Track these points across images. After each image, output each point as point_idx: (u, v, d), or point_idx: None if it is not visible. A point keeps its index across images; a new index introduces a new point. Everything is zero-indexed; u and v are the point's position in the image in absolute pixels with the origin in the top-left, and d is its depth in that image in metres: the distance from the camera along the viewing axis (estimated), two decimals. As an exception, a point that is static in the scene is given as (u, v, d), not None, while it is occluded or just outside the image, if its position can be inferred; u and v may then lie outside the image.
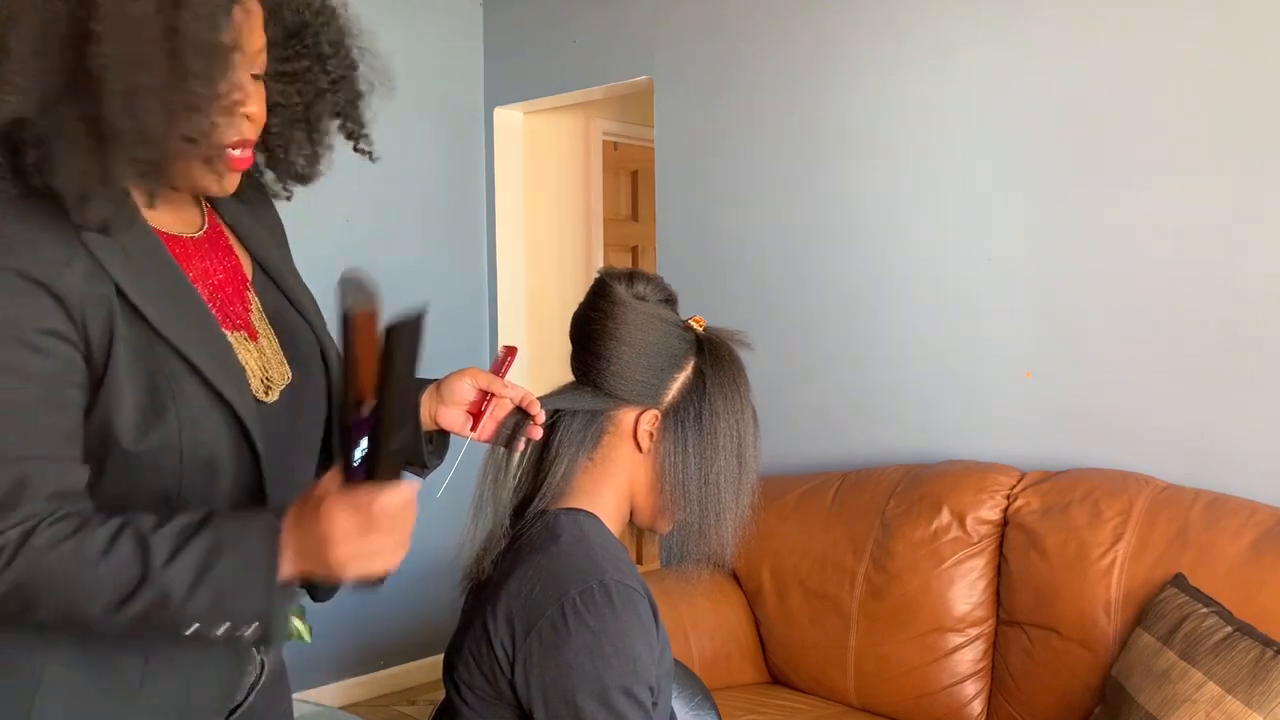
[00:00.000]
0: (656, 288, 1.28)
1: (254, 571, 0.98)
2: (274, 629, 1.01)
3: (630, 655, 1.11)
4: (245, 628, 0.99)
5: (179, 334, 1.05)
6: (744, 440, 1.27)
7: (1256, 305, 2.29)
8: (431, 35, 3.80)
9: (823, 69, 2.97)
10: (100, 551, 0.96)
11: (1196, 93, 2.35)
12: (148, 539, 0.97)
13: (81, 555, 0.96)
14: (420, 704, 3.64)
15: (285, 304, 1.23)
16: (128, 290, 1.03)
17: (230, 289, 1.17)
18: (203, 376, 1.06)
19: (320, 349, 1.24)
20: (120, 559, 0.96)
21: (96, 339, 1.01)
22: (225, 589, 0.97)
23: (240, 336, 1.14)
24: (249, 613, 0.98)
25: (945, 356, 2.76)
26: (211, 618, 0.98)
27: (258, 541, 0.98)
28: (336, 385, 1.24)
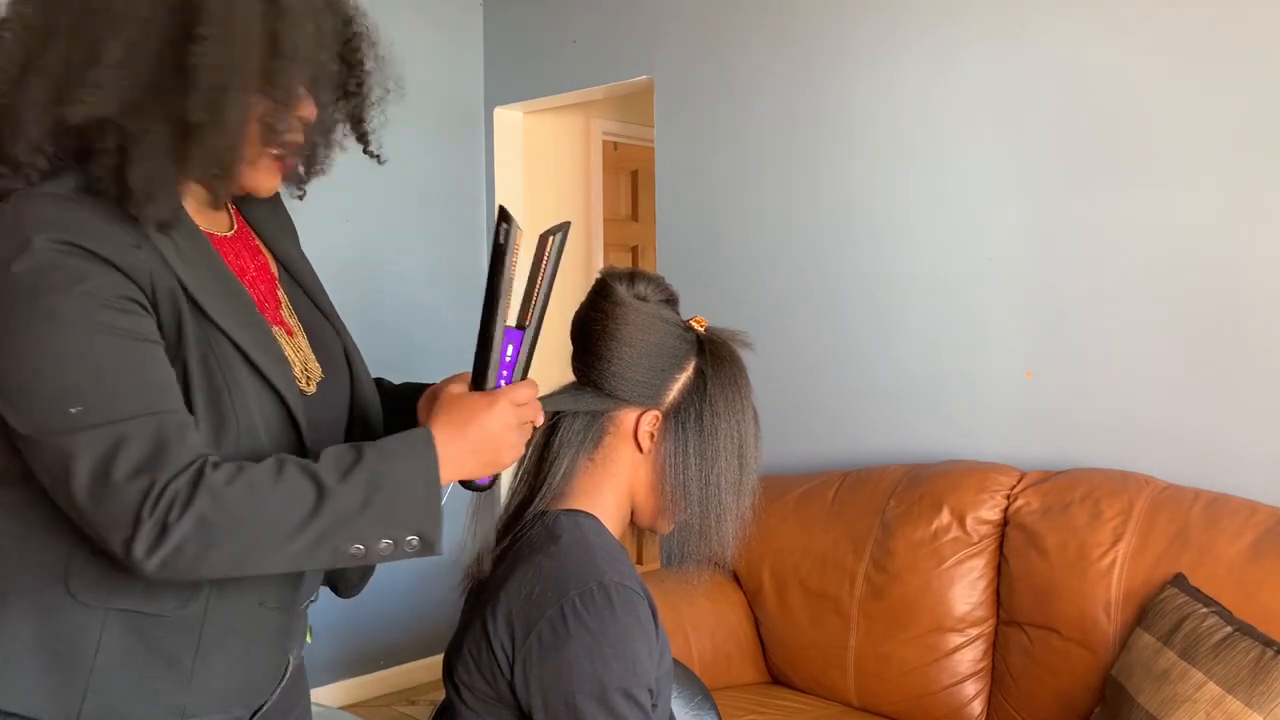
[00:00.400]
0: (658, 288, 1.28)
1: (417, 484, 1.04)
2: (436, 539, 1.06)
3: (630, 657, 1.11)
4: (409, 541, 1.04)
5: (232, 325, 1.09)
6: (745, 441, 1.26)
7: (1257, 305, 2.29)
8: (431, 35, 3.80)
9: (823, 69, 2.97)
10: (272, 482, 1.00)
11: (1196, 93, 2.35)
12: (312, 467, 1.02)
13: (256, 488, 0.99)
14: (420, 704, 3.64)
15: (308, 302, 1.27)
16: (185, 281, 1.06)
17: (263, 286, 1.21)
18: (256, 366, 1.10)
19: (344, 347, 1.28)
20: (293, 486, 1.00)
21: (168, 328, 1.04)
22: (394, 502, 1.03)
23: (279, 331, 1.18)
24: (415, 524, 1.04)
25: (945, 356, 2.76)
26: (379, 533, 1.03)
27: (416, 456, 1.05)
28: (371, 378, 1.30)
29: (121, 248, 1.01)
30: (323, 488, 1.00)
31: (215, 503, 0.97)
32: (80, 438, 0.96)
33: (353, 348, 1.29)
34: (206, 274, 1.09)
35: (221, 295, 1.10)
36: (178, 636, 1.09)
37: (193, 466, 0.98)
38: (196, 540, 0.97)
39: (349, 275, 3.53)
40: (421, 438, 1.07)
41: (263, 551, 1.00)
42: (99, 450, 0.96)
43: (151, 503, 0.96)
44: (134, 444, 0.97)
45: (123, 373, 0.99)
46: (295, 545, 1.00)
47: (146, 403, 0.99)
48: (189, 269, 1.07)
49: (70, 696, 1.05)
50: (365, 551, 1.03)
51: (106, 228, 1.01)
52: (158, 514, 0.96)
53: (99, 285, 0.99)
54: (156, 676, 1.08)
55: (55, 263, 0.98)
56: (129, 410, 0.98)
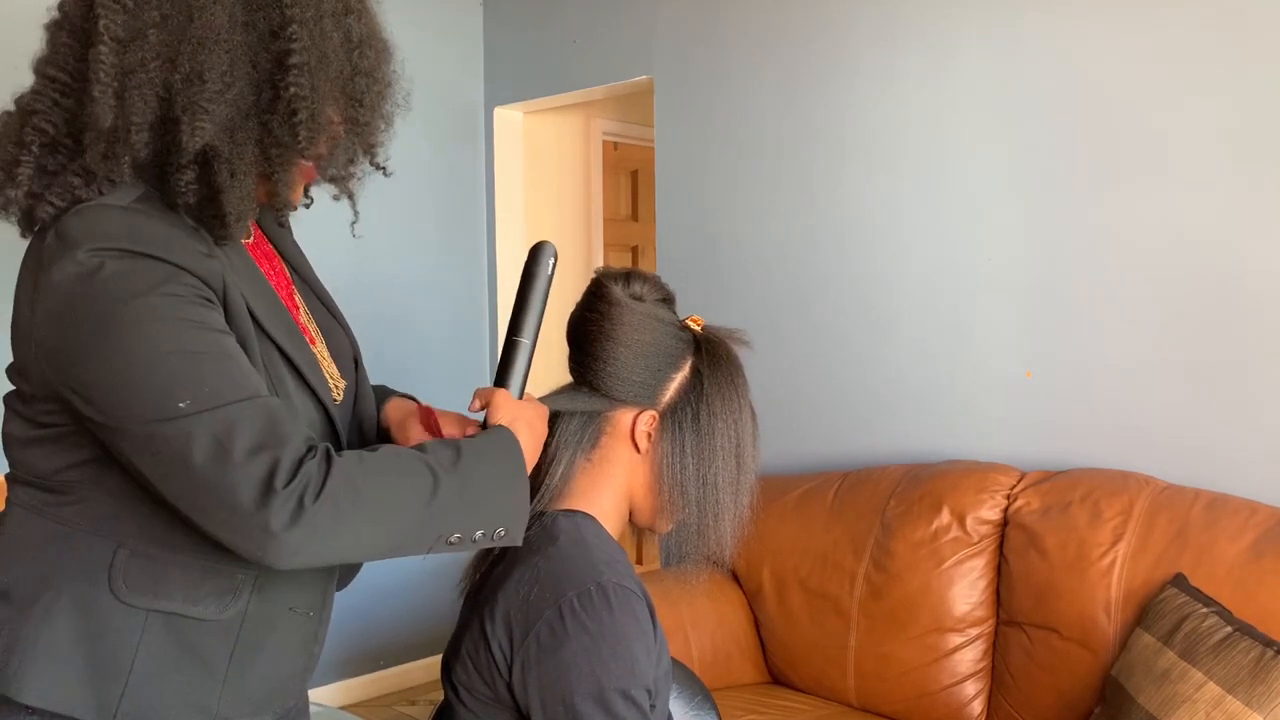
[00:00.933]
0: (654, 287, 1.28)
1: (511, 480, 1.10)
2: (520, 531, 1.12)
3: (628, 657, 1.11)
4: (497, 532, 1.09)
5: (282, 336, 1.12)
6: (742, 440, 1.26)
7: (1257, 305, 2.28)
8: (431, 35, 3.80)
9: (822, 69, 2.97)
10: (395, 468, 1.04)
11: (1195, 95, 2.35)
12: (424, 455, 1.06)
13: (384, 472, 1.03)
14: (420, 704, 3.64)
15: (322, 309, 1.29)
16: (244, 292, 1.09)
17: (283, 293, 1.22)
18: (302, 377, 1.13)
19: (353, 350, 1.29)
20: (414, 472, 1.04)
21: (240, 337, 1.06)
22: (492, 496, 1.09)
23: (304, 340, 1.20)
24: (505, 518, 1.10)
25: (945, 357, 2.76)
26: (479, 523, 1.08)
27: (508, 455, 1.11)
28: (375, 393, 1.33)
29: (194, 255, 1.04)
30: (437, 476, 1.04)
31: (347, 484, 0.99)
32: (192, 425, 0.97)
33: (359, 352, 1.31)
34: (254, 286, 1.12)
35: (268, 306, 1.12)
36: (215, 640, 1.10)
37: (318, 449, 1.00)
38: (328, 520, 0.98)
39: (348, 275, 3.53)
40: (510, 438, 1.13)
41: (384, 534, 1.03)
42: (213, 433, 0.97)
43: (284, 478, 0.96)
44: (247, 423, 0.98)
45: (219, 362, 1.01)
46: (410, 528, 1.04)
47: (248, 388, 1.01)
48: (240, 278, 1.10)
49: (108, 696, 1.06)
50: (461, 540, 1.07)
51: (177, 236, 1.04)
52: (293, 488, 0.96)
53: (178, 286, 1.01)
54: (192, 679, 1.10)
55: (133, 269, 1.00)
56: (234, 394, 0.99)
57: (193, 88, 1.01)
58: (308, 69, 1.04)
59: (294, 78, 1.03)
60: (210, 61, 1.01)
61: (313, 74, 1.04)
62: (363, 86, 1.11)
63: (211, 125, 1.02)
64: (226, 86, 1.02)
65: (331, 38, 1.07)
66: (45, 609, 1.06)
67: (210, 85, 1.01)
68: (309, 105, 1.04)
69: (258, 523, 0.96)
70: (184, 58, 1.01)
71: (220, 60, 1.02)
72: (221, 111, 1.02)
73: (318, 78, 1.05)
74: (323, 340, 1.24)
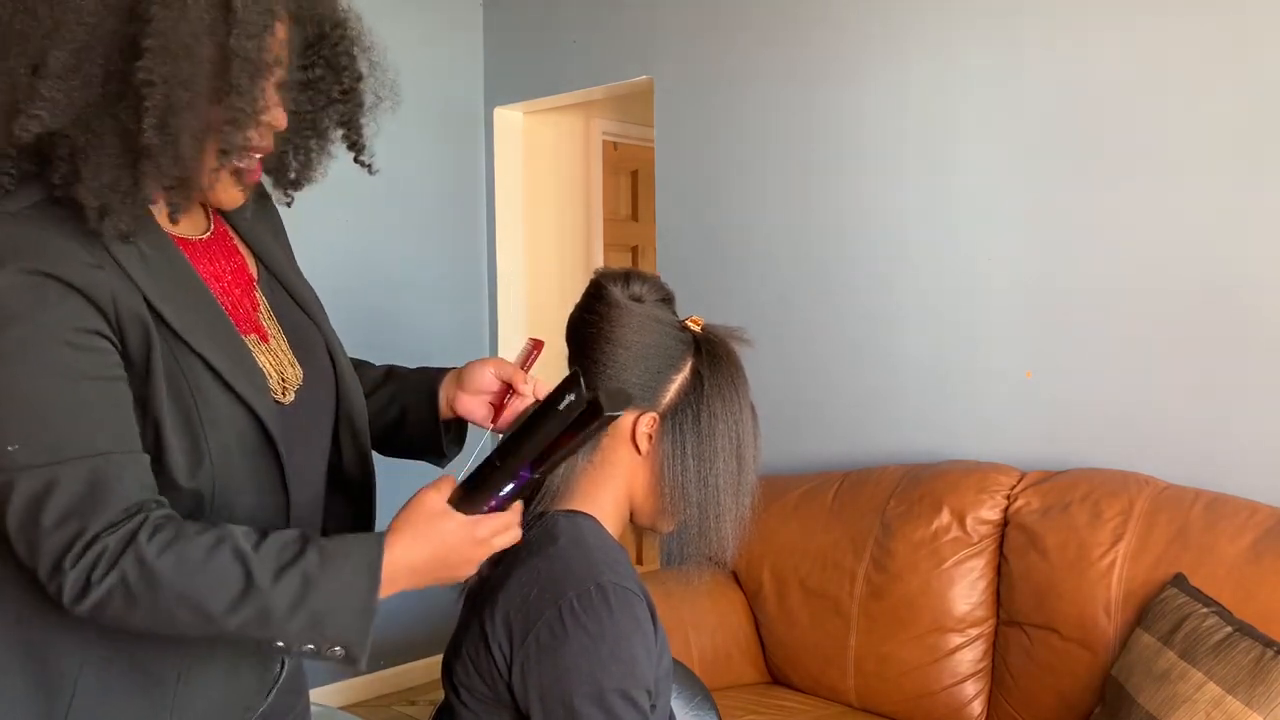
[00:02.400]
0: (653, 288, 1.27)
1: (351, 598, 1.00)
2: (361, 655, 1.02)
3: (628, 658, 1.11)
4: (332, 650, 1.01)
5: (199, 337, 1.06)
6: (743, 440, 1.26)
7: (1257, 305, 2.28)
8: (431, 35, 3.80)
9: (822, 69, 2.97)
10: (202, 562, 0.97)
11: (1197, 94, 2.35)
12: (249, 555, 0.98)
13: (185, 565, 0.97)
14: (420, 704, 3.64)
15: (290, 303, 1.24)
16: (150, 295, 1.03)
17: (238, 290, 1.17)
18: (223, 380, 1.06)
19: (326, 345, 1.25)
20: (222, 572, 0.97)
21: (135, 349, 1.02)
22: (323, 613, 0.99)
23: (253, 340, 1.15)
24: (341, 637, 1.01)
25: (945, 356, 2.76)
26: (303, 638, 1.00)
27: (359, 569, 1.01)
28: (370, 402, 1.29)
29: (81, 269, 0.98)
30: (251, 582, 0.97)
31: (140, 571, 0.96)
32: (16, 476, 0.95)
33: (336, 345, 1.26)
34: (174, 285, 1.06)
35: (189, 306, 1.07)
36: (161, 658, 1.08)
37: (129, 523, 0.97)
38: (119, 601, 0.96)
39: (348, 275, 3.53)
40: (372, 548, 1.02)
41: (183, 625, 0.99)
42: (31, 491, 0.95)
43: (77, 553, 0.95)
44: (66, 487, 0.95)
45: (67, 414, 0.97)
46: (216, 627, 0.98)
47: (88, 445, 0.97)
48: (156, 281, 1.04)
49: (54, 713, 1.04)
50: (286, 649, 1.01)
51: (65, 247, 0.98)
52: (82, 565, 0.95)
53: (56, 317, 0.97)
54: (140, 694, 1.07)
55: (14, 294, 0.96)
56: (67, 452, 0.96)
57: (37, 78, 0.95)
58: (165, 53, 0.96)
59: (144, 62, 0.95)
60: (52, 48, 0.95)
61: (172, 59, 0.96)
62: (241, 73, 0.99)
63: (50, 115, 0.96)
64: (71, 72, 0.96)
65: (199, 19, 0.97)
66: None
67: (52, 72, 0.95)
68: (160, 94, 0.96)
69: (53, 590, 0.96)
70: (33, 43, 0.96)
71: (69, 44, 0.95)
72: (65, 100, 0.96)
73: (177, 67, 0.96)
74: (283, 338, 1.19)
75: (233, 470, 1.08)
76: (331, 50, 1.17)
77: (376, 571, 1.01)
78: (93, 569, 0.95)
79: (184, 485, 1.04)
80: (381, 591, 1.02)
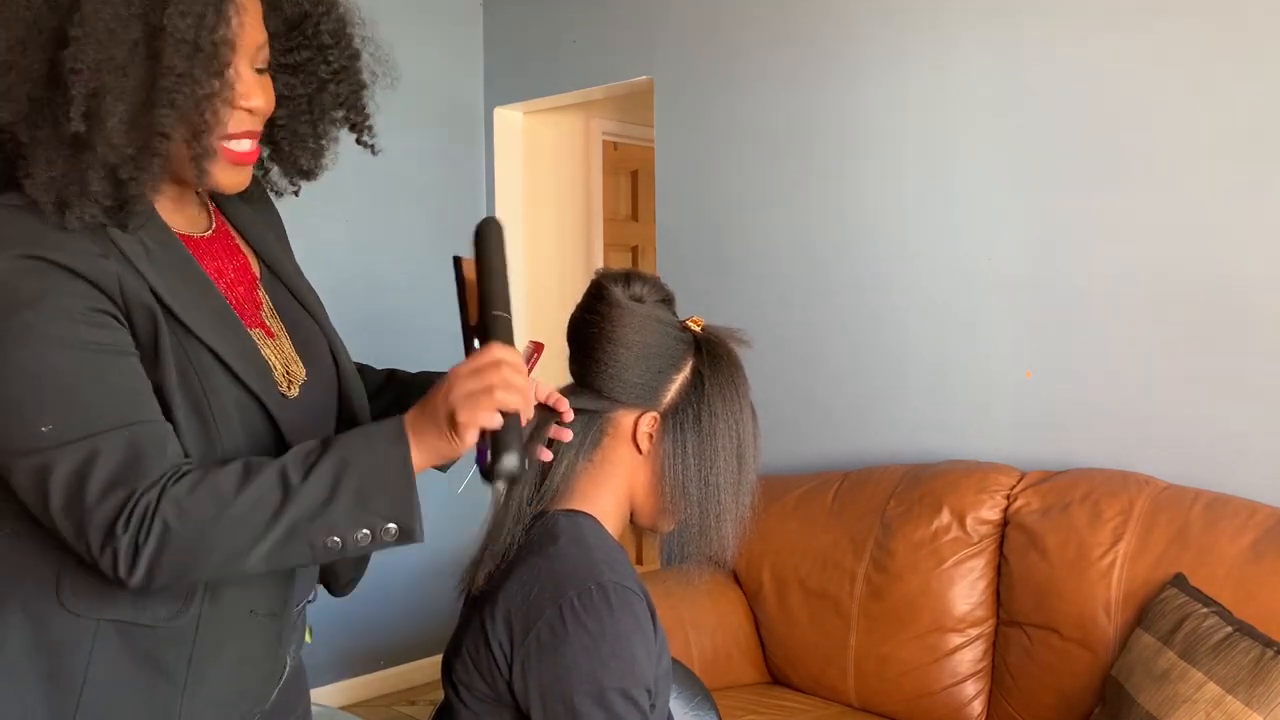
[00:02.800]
0: (653, 288, 1.28)
1: (387, 470, 1.00)
2: (414, 525, 1.02)
3: (628, 657, 1.11)
4: (386, 528, 1.01)
5: (206, 329, 1.07)
6: (743, 440, 1.26)
7: (1257, 305, 2.28)
8: (431, 35, 3.80)
9: (823, 69, 2.97)
10: (236, 486, 0.98)
11: (1196, 94, 2.35)
12: (277, 465, 0.99)
13: (219, 492, 0.97)
14: (420, 704, 3.64)
15: (293, 302, 1.24)
16: (156, 287, 1.04)
17: (242, 288, 1.18)
18: (233, 372, 1.07)
19: (329, 345, 1.26)
20: (258, 486, 0.98)
21: (144, 337, 1.02)
22: (363, 491, 0.99)
23: (258, 334, 1.16)
24: (389, 510, 1.00)
25: (945, 356, 2.76)
26: (355, 523, 0.99)
27: (386, 442, 1.01)
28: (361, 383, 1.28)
29: (86, 256, 0.99)
30: (288, 484, 0.98)
31: (179, 513, 0.96)
32: (54, 456, 0.95)
33: (339, 345, 1.27)
34: (179, 279, 1.07)
35: (195, 300, 1.08)
36: (171, 648, 1.08)
37: (163, 478, 0.97)
38: (169, 552, 0.96)
39: (348, 275, 3.53)
40: (393, 423, 1.03)
41: (237, 552, 0.98)
42: (73, 467, 0.95)
43: (125, 520, 0.95)
44: (107, 458, 0.96)
45: (93, 386, 0.97)
46: (268, 544, 0.98)
47: (119, 415, 0.98)
48: (161, 274, 1.05)
49: (63, 708, 1.04)
50: (343, 543, 1.00)
51: (67, 237, 0.99)
52: (130, 531, 0.95)
53: (65, 298, 0.97)
54: (150, 688, 1.08)
55: (18, 278, 0.96)
56: (101, 424, 0.97)
57: None
58: (91, 40, 0.95)
59: (70, 50, 0.95)
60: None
61: (98, 45, 0.95)
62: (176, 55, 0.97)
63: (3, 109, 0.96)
64: (8, 68, 0.96)
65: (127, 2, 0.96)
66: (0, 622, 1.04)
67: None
68: (85, 81, 0.95)
69: (105, 566, 0.96)
70: None
71: (7, 38, 0.96)
72: (8, 94, 0.96)
73: (104, 53, 0.95)
74: (287, 336, 1.20)
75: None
76: (315, 29, 1.16)
77: (404, 440, 1.01)
78: (139, 531, 0.95)
79: None
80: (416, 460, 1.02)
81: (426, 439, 1.02)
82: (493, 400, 1.00)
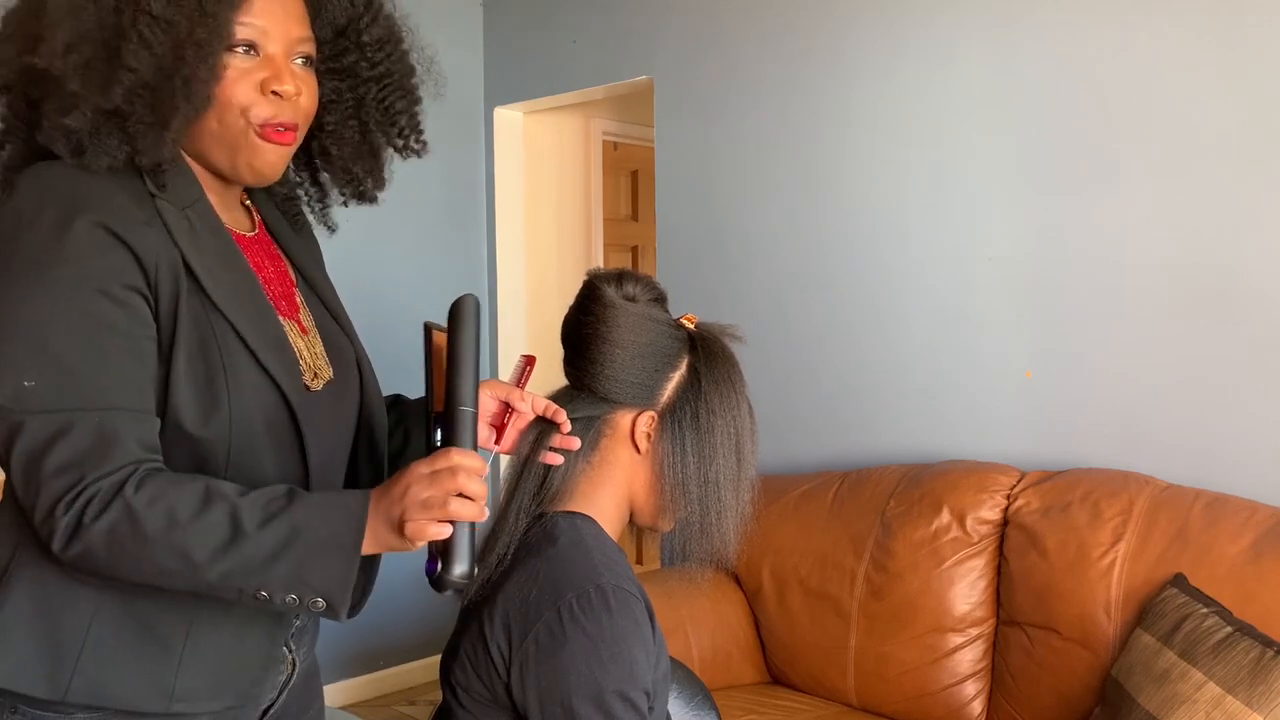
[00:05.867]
0: (646, 287, 1.27)
1: (336, 551, 1.00)
2: (341, 606, 1.03)
3: (626, 659, 1.11)
4: (314, 600, 1.01)
5: (236, 310, 1.09)
6: (741, 436, 1.26)
7: (1257, 305, 2.28)
8: (431, 35, 3.78)
9: (823, 68, 2.97)
10: (191, 512, 0.99)
11: (1195, 93, 2.35)
12: (237, 503, 1.00)
13: (174, 514, 0.98)
14: (420, 704, 3.64)
15: (326, 314, 1.27)
16: (191, 261, 1.07)
17: (280, 288, 1.21)
18: (255, 355, 1.10)
19: (356, 357, 1.28)
20: (212, 520, 0.99)
21: (164, 304, 1.05)
22: (305, 563, 0.99)
23: (292, 325, 1.18)
24: (323, 588, 1.01)
25: (945, 356, 2.76)
26: (285, 588, 1.00)
27: (344, 523, 1.01)
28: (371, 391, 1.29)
29: (134, 225, 1.03)
30: (239, 528, 0.99)
31: (129, 519, 0.98)
32: (27, 418, 0.99)
33: (366, 364, 1.29)
34: (216, 258, 1.10)
35: (229, 280, 1.11)
36: (171, 617, 1.09)
37: (122, 471, 0.99)
38: (105, 548, 0.98)
39: (347, 275, 3.52)
40: (358, 500, 1.02)
41: (169, 573, 1.00)
42: (40, 436, 0.98)
43: (69, 499, 0.98)
44: (74, 437, 0.98)
45: (90, 361, 1.00)
46: (200, 576, 0.99)
47: (102, 396, 1.00)
48: (199, 251, 1.08)
49: (60, 673, 1.06)
50: (269, 599, 1.01)
51: (123, 200, 1.04)
52: (74, 511, 0.98)
53: (104, 269, 1.01)
54: (147, 657, 1.09)
55: (76, 237, 1.00)
56: (81, 401, 0.99)
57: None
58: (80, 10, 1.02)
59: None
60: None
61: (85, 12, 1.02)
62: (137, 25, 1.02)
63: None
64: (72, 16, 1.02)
65: None
66: (7, 586, 1.07)
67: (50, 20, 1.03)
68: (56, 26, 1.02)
69: (45, 534, 0.99)
70: None
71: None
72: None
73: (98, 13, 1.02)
74: (318, 337, 1.22)
75: (255, 442, 1.10)
76: (359, 35, 1.20)
77: (362, 524, 1.01)
78: (82, 514, 0.98)
79: (194, 433, 1.06)
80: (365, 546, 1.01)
81: (379, 531, 1.02)
82: (445, 511, 0.98)
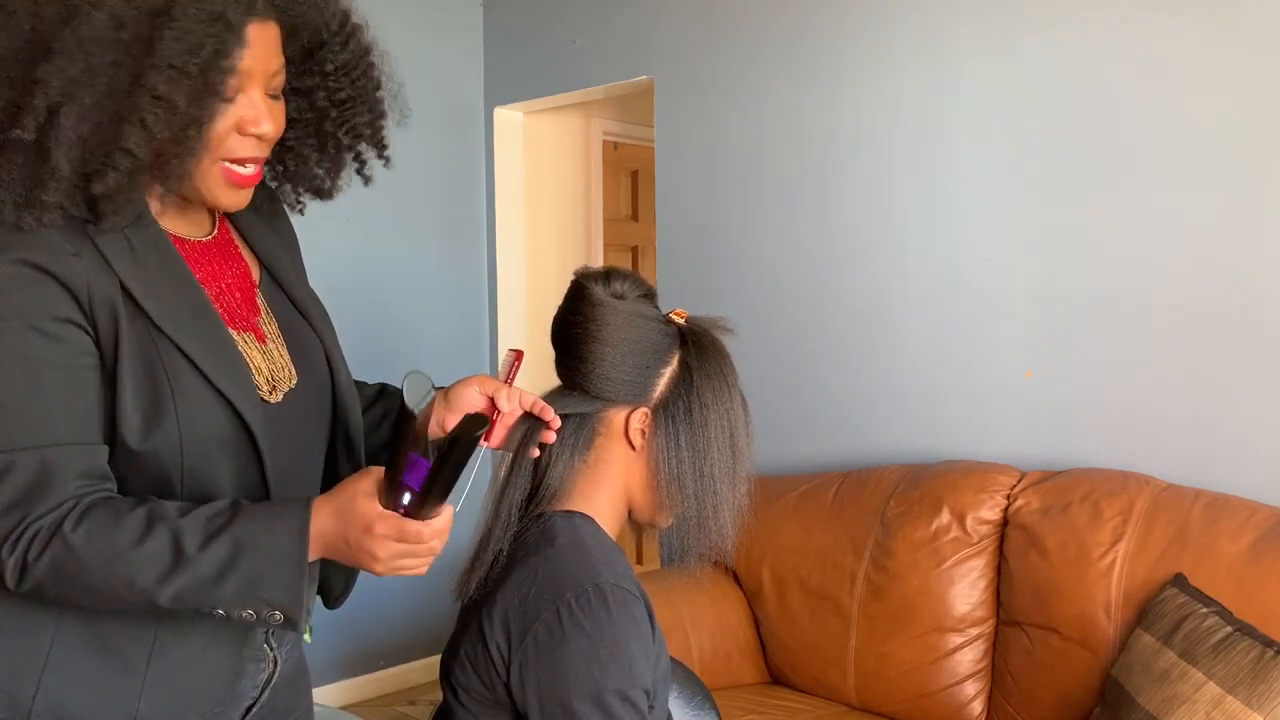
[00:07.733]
0: (634, 284, 1.27)
1: (282, 563, 1.01)
2: (298, 617, 1.03)
3: (626, 659, 1.11)
4: (272, 614, 1.02)
5: (180, 330, 1.08)
6: (735, 429, 1.26)
7: (1256, 305, 2.28)
8: (431, 35, 3.80)
9: (823, 68, 2.97)
10: (133, 540, 0.99)
11: (1195, 95, 2.35)
12: (177, 526, 1.00)
13: (114, 545, 0.99)
14: (420, 704, 3.64)
15: (292, 310, 1.25)
16: (130, 285, 1.05)
17: (239, 292, 1.19)
18: (202, 373, 1.08)
19: (325, 353, 1.26)
20: (152, 547, 0.99)
21: (104, 329, 1.04)
22: (254, 578, 1.00)
23: (248, 337, 1.16)
24: (276, 600, 1.02)
25: (945, 356, 2.75)
26: (240, 604, 1.02)
27: (286, 534, 1.02)
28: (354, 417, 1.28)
29: (58, 255, 1.01)
30: (180, 554, 0.99)
31: (69, 555, 0.99)
32: None
33: (336, 355, 1.27)
34: (159, 278, 1.08)
35: (171, 300, 1.09)
36: (133, 636, 1.09)
37: (61, 509, 1.00)
38: (56, 583, 1.00)
39: (348, 275, 3.53)
40: (299, 511, 1.02)
41: (125, 600, 1.02)
42: None
43: (13, 540, 0.99)
44: (15, 477, 0.99)
45: (27, 401, 1.00)
46: (153, 600, 1.01)
47: (45, 432, 1.00)
48: (139, 272, 1.06)
49: (21, 694, 1.06)
50: (228, 617, 1.02)
51: (40, 235, 1.01)
52: (18, 552, 0.99)
53: (30, 303, 1.00)
54: (109, 678, 1.09)
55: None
56: (22, 440, 1.00)
57: None
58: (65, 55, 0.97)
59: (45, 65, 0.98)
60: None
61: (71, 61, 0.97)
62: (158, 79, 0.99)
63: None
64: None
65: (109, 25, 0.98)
66: None
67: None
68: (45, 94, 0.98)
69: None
70: None
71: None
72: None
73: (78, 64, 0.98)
74: (282, 342, 1.20)
75: (209, 457, 1.09)
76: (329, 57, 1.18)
77: (305, 534, 1.01)
78: (26, 553, 0.99)
79: (136, 448, 1.05)
80: (311, 556, 1.02)
81: (331, 543, 1.03)
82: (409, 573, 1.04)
